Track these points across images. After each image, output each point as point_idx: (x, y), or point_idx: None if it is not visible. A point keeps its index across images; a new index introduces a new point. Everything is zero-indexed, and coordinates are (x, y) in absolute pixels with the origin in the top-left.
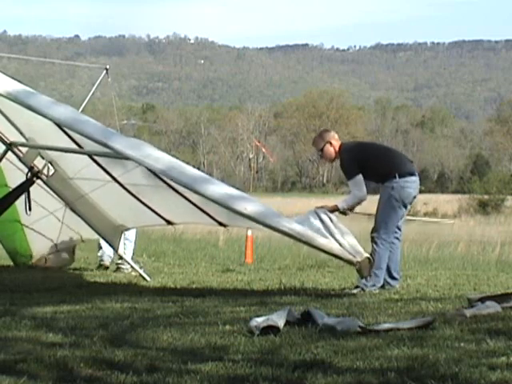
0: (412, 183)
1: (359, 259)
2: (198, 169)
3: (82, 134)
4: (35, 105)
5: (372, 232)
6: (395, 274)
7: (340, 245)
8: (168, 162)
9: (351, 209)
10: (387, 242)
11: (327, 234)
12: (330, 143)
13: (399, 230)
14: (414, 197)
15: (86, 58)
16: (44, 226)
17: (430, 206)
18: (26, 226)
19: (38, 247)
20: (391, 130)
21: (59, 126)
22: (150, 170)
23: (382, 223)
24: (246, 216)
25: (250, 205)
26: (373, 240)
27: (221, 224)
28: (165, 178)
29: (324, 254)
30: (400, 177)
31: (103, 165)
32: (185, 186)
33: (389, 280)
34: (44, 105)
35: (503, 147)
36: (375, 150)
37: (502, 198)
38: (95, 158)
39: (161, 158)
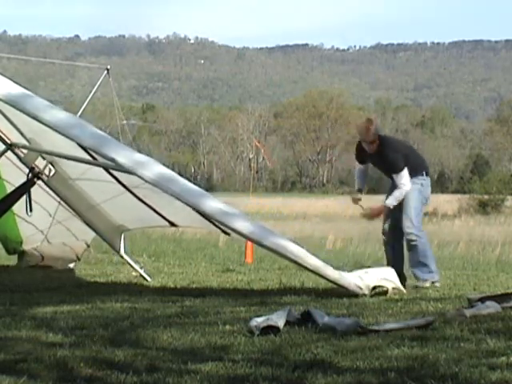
0: (430, 183)
1: (366, 292)
2: (198, 169)
3: (77, 143)
4: (31, 110)
5: (404, 228)
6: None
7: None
8: (164, 175)
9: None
10: (422, 232)
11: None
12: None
13: None
14: None
15: (86, 58)
16: (35, 217)
17: (430, 205)
18: (18, 216)
19: (29, 237)
20: (391, 130)
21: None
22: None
23: (416, 216)
24: (240, 234)
25: (245, 223)
26: (409, 236)
27: (224, 232)
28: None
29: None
30: (426, 175)
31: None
32: (185, 202)
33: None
34: (38, 109)
35: (503, 147)
36: (408, 145)
37: (501, 198)
38: None
39: (159, 170)
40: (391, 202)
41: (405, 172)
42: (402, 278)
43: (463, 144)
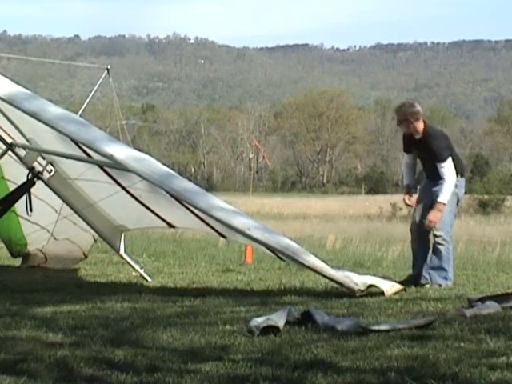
0: (465, 184)
1: (362, 288)
2: (198, 169)
3: (76, 140)
4: (31, 109)
5: (434, 230)
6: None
7: (346, 276)
8: (163, 173)
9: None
10: (450, 237)
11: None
12: (414, 119)
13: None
14: None
15: (86, 58)
16: (39, 215)
17: None
18: (22, 217)
19: (33, 237)
20: (391, 130)
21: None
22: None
23: (447, 220)
24: (245, 234)
25: (244, 220)
26: (437, 238)
27: (221, 235)
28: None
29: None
30: (461, 176)
31: (104, 167)
32: (183, 200)
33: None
34: (38, 108)
35: (503, 147)
36: (450, 143)
37: (502, 198)
38: None
39: (158, 170)
40: (445, 197)
41: (449, 162)
42: (420, 278)
43: (463, 144)
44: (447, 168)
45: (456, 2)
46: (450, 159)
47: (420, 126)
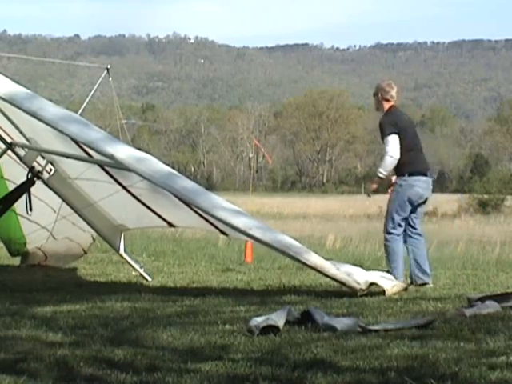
0: (422, 183)
1: (364, 287)
2: (198, 168)
3: (76, 140)
4: (31, 108)
5: (384, 232)
6: (426, 269)
7: (348, 274)
8: (163, 172)
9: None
10: (396, 235)
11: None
12: (381, 97)
13: (417, 227)
14: (426, 198)
15: (86, 57)
16: (39, 215)
17: (429, 205)
18: (21, 216)
19: (33, 236)
20: None
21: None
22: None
23: (389, 219)
24: (245, 233)
25: (245, 219)
26: (384, 239)
27: (222, 233)
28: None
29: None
30: (410, 175)
31: (105, 167)
32: (184, 199)
33: (420, 275)
34: (38, 107)
35: (503, 147)
36: (409, 139)
37: (501, 198)
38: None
39: (160, 170)
40: (381, 171)
41: (391, 138)
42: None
43: (463, 144)
44: (389, 143)
45: (456, 1)
46: (393, 136)
47: (385, 105)
